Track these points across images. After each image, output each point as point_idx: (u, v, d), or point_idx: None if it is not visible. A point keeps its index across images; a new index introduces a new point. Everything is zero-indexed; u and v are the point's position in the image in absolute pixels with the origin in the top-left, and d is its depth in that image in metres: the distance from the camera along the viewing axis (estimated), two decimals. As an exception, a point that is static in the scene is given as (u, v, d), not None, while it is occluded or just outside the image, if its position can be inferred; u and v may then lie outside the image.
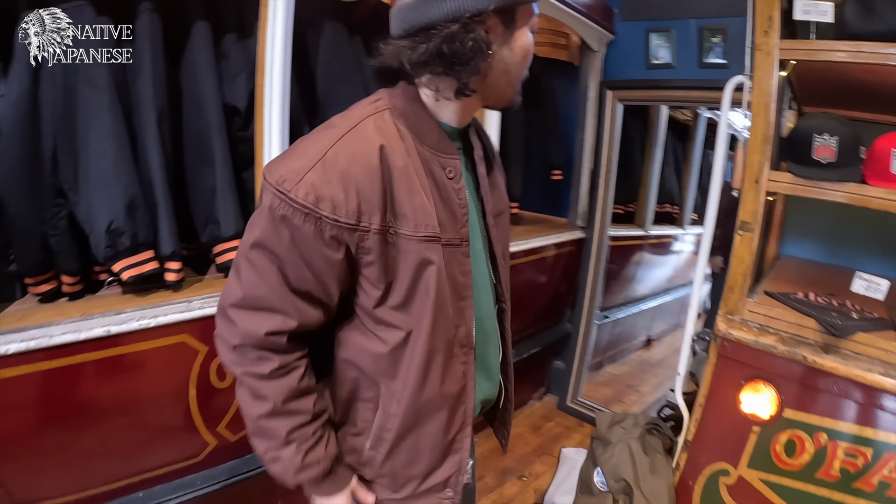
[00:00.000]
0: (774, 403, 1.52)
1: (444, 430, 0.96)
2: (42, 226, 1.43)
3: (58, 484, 1.49)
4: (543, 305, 2.84)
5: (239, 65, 1.65)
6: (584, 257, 2.82)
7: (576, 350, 2.91)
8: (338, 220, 0.78)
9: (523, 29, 0.86)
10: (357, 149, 0.80)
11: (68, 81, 1.39)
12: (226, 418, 1.71)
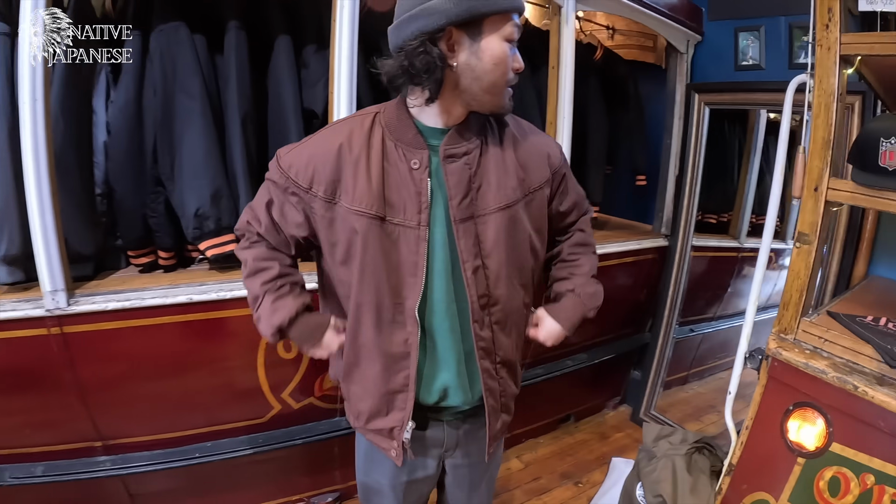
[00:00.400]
0: (822, 435, 1.40)
1: (382, 381, 1.12)
2: (143, 208, 1.75)
3: (138, 426, 1.79)
4: (621, 312, 2.80)
5: (317, 73, 1.85)
6: (667, 266, 2.70)
7: (653, 361, 2.80)
8: (296, 181, 1.06)
9: (491, 37, 0.96)
10: (327, 139, 1.06)
11: (167, 90, 1.67)
12: (290, 386, 1.93)
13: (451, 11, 0.92)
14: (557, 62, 2.12)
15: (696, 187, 2.56)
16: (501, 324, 1.13)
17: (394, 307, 1.07)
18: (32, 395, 1.61)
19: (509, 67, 0.99)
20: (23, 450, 1.68)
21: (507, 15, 0.96)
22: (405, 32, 0.95)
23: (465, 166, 1.05)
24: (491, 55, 0.96)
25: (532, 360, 2.49)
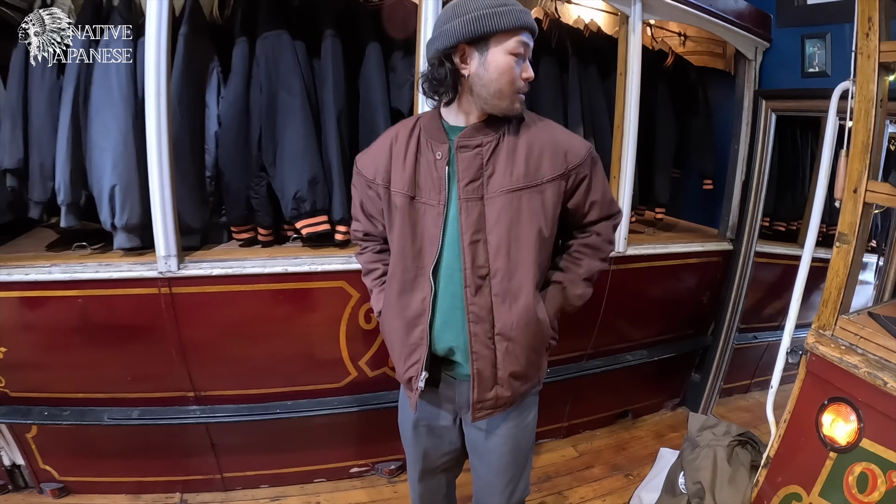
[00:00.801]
0: (854, 430, 1.45)
1: (403, 335, 1.34)
2: (247, 190, 2.02)
3: (227, 381, 2.07)
4: (682, 312, 2.84)
5: (404, 76, 2.06)
6: (730, 271, 2.71)
7: (712, 365, 2.80)
8: (367, 177, 1.36)
9: (496, 51, 1.17)
10: (382, 141, 1.37)
11: (271, 88, 1.94)
12: (367, 355, 2.15)
13: (461, 32, 1.15)
14: (625, 69, 2.21)
15: (761, 193, 2.56)
16: (501, 296, 1.26)
17: (415, 269, 1.30)
18: (139, 347, 1.95)
19: (516, 77, 1.19)
20: (122, 395, 2.02)
21: (511, 33, 1.16)
22: (430, 51, 1.23)
23: (477, 156, 1.24)
24: (496, 67, 1.17)
25: (592, 352, 2.58)
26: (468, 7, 1.15)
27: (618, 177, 2.29)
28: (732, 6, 2.36)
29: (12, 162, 1.91)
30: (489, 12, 1.14)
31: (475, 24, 1.14)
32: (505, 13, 1.14)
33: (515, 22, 1.15)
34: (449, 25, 1.16)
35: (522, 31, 1.17)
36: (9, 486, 2.20)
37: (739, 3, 2.39)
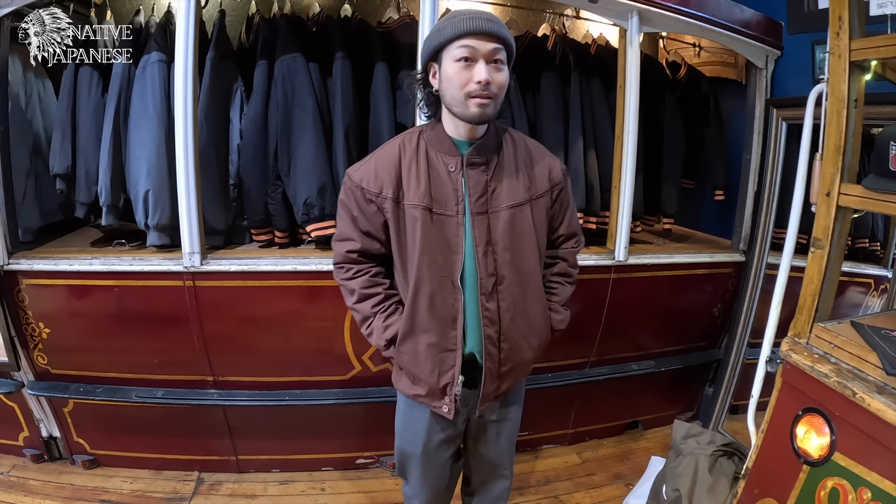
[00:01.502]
0: (826, 443, 1.42)
1: (436, 345, 1.37)
2: (265, 197, 2.25)
3: (244, 368, 2.26)
4: (691, 324, 2.84)
5: (409, 94, 2.18)
6: (742, 283, 2.66)
7: (724, 380, 2.75)
8: (370, 189, 1.36)
9: (446, 62, 1.27)
10: (386, 153, 1.39)
11: (287, 106, 2.16)
12: (370, 351, 2.30)
13: (424, 52, 1.32)
14: (623, 81, 2.29)
15: (773, 204, 2.53)
16: (507, 301, 1.39)
17: (441, 279, 1.35)
18: (165, 334, 2.18)
19: (464, 81, 1.24)
20: (149, 376, 2.26)
21: (453, 41, 1.24)
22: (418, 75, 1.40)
23: (483, 173, 1.36)
24: (445, 76, 1.27)
25: (596, 360, 2.63)
26: (432, 30, 1.30)
27: (618, 186, 2.36)
28: (738, 15, 2.40)
29: (62, 168, 2.21)
30: (438, 26, 1.28)
31: (429, 41, 1.29)
32: (450, 24, 1.23)
33: (456, 30, 1.22)
34: (421, 49, 1.35)
35: (464, 38, 1.22)
36: (45, 455, 2.48)
37: (746, 11, 2.42)
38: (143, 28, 2.28)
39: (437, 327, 1.37)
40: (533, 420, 2.61)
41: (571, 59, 2.42)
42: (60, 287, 2.14)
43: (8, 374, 2.30)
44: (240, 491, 2.35)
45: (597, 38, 2.74)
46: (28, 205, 2.30)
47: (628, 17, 2.22)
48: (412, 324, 1.38)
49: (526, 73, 2.40)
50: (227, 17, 2.31)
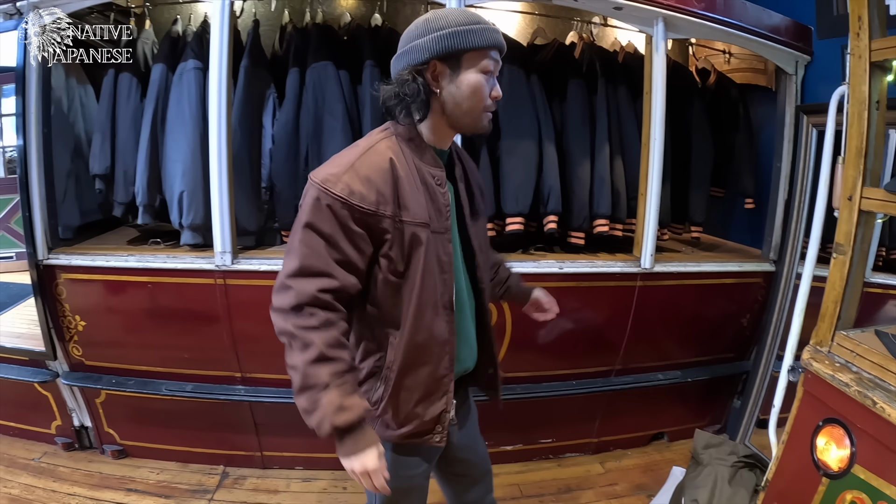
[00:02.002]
0: (846, 455, 1.42)
1: (433, 372, 1.29)
2: (296, 200, 2.35)
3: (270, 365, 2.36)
4: (719, 335, 2.85)
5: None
6: (772, 293, 2.67)
7: (752, 392, 2.75)
8: (362, 207, 1.14)
9: (469, 71, 1.19)
10: (375, 161, 1.18)
11: (318, 112, 2.28)
12: None
13: (434, 48, 1.16)
14: (650, 88, 2.35)
15: (803, 212, 2.54)
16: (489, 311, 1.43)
17: (440, 300, 1.25)
18: (196, 329, 2.31)
19: (486, 95, 1.21)
20: (179, 370, 2.39)
21: (483, 51, 1.18)
22: (399, 65, 1.22)
23: (460, 183, 1.34)
24: (468, 85, 1.18)
25: (621, 368, 2.67)
26: (441, 24, 1.17)
27: (644, 193, 2.41)
28: (767, 20, 2.44)
29: (101, 169, 2.38)
30: (463, 29, 1.16)
31: (449, 40, 1.16)
32: (478, 31, 1.17)
33: (488, 40, 1.18)
34: (421, 41, 1.17)
35: (493, 50, 1.20)
36: (76, 444, 2.65)
37: (774, 16, 2.46)
38: (180, 36, 2.44)
39: (435, 353, 1.28)
40: (556, 427, 2.67)
41: (598, 67, 2.49)
42: (97, 282, 2.29)
43: (43, 363, 2.48)
44: (263, 486, 2.46)
45: (625, 45, 2.81)
46: (68, 203, 2.47)
47: (654, 24, 2.28)
48: (413, 356, 1.26)
49: (553, 80, 2.48)
50: (261, 27, 2.46)
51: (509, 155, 2.31)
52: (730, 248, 3.02)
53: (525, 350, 2.44)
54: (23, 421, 2.70)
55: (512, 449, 2.64)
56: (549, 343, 2.46)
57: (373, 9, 2.60)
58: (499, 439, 2.60)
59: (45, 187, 2.27)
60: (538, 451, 2.69)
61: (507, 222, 2.34)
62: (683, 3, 2.30)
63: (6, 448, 2.66)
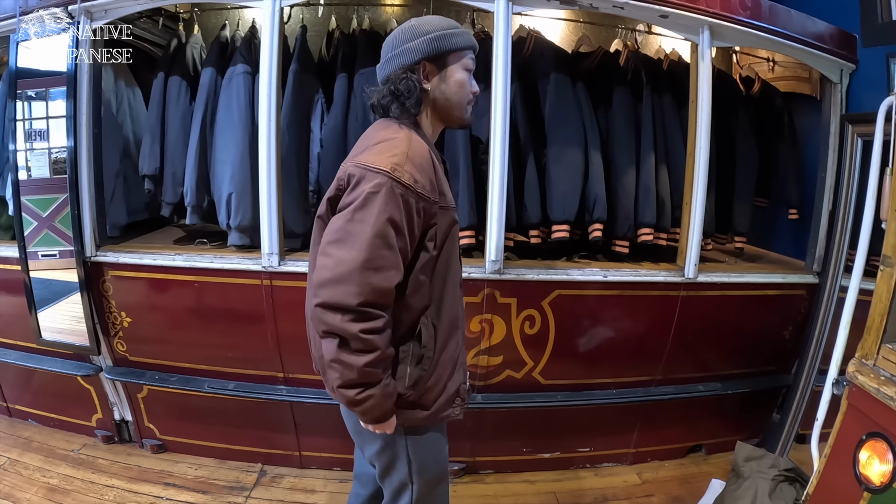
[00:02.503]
0: (888, 469, 1.45)
1: (457, 346, 1.47)
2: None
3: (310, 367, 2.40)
4: (760, 347, 2.89)
5: (483, 107, 2.36)
6: (815, 306, 2.73)
7: (792, 406, 2.81)
8: (424, 195, 1.27)
9: (454, 67, 1.38)
10: (420, 150, 1.31)
11: (366, 117, 2.36)
12: None
13: (424, 49, 1.34)
14: (695, 97, 2.42)
15: (848, 224, 2.59)
16: None
17: (459, 277, 1.47)
18: (241, 329, 2.43)
19: (469, 90, 1.41)
20: (222, 369, 2.52)
21: (464, 52, 1.38)
22: (391, 67, 1.37)
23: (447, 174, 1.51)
24: (455, 81, 1.38)
25: (662, 378, 2.73)
26: (427, 29, 1.35)
27: (689, 203, 2.47)
28: (811, 28, 2.48)
29: (150, 169, 2.52)
30: (447, 33, 1.35)
31: (437, 42, 1.34)
32: (460, 34, 1.38)
33: (468, 42, 1.39)
34: (411, 44, 1.34)
35: (471, 50, 1.41)
36: (115, 437, 2.80)
37: (818, 24, 2.50)
38: (228, 41, 2.58)
39: (460, 330, 1.48)
40: (594, 436, 2.74)
41: (643, 75, 2.56)
42: (143, 280, 2.43)
43: (87, 357, 2.63)
44: (300, 485, 2.57)
45: (669, 53, 2.87)
46: (116, 202, 2.62)
47: (699, 32, 2.35)
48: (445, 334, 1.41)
49: (598, 88, 2.56)
50: (308, 33, 2.58)
51: (556, 162, 2.39)
52: (773, 260, 3.06)
53: (567, 358, 2.51)
54: (64, 413, 2.87)
55: (549, 457, 2.71)
56: (591, 351, 2.54)
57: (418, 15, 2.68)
58: (536, 446, 2.68)
59: (95, 186, 2.42)
60: (575, 460, 2.76)
61: (553, 229, 2.42)
62: (729, 10, 2.35)
63: (46, 438, 2.83)
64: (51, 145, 2.42)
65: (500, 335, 2.41)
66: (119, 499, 2.43)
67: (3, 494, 2.43)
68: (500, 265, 2.30)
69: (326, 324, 1.19)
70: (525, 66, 2.47)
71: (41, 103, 2.42)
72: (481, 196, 2.35)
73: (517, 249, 2.56)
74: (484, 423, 2.56)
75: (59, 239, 2.47)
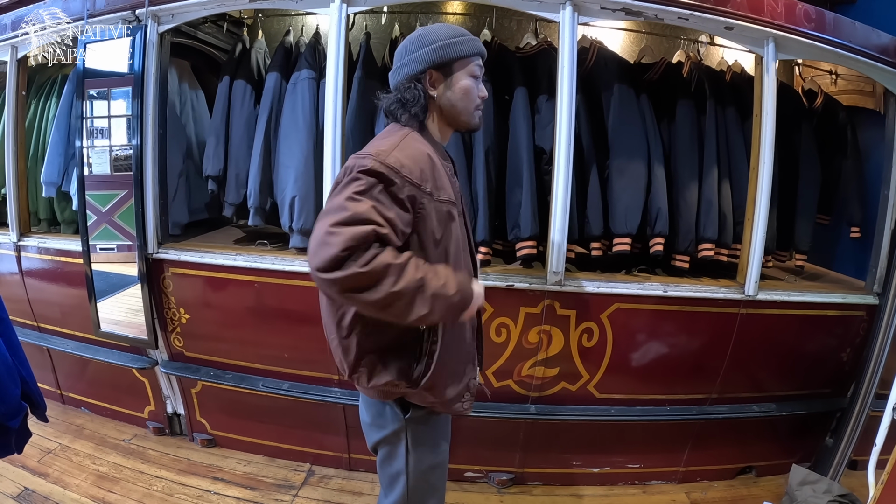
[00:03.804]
0: None
1: (464, 338, 1.52)
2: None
3: None
4: (817, 369, 2.82)
5: (548, 118, 2.40)
6: (875, 329, 2.66)
7: (846, 431, 2.74)
8: (410, 179, 1.32)
9: (459, 74, 1.44)
10: (415, 145, 1.39)
11: None
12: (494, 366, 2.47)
13: (429, 59, 1.41)
14: (759, 110, 2.39)
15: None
16: None
17: (465, 269, 1.49)
18: (297, 330, 2.46)
19: (475, 96, 1.46)
20: (277, 369, 2.56)
21: (470, 59, 1.44)
22: (399, 76, 1.46)
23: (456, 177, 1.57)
24: (460, 88, 1.44)
25: (717, 397, 2.68)
26: (433, 38, 1.42)
27: (752, 219, 2.44)
28: (875, 41, 2.43)
29: (214, 171, 2.57)
30: (453, 41, 1.41)
31: (442, 51, 1.41)
32: (465, 42, 1.43)
33: (474, 49, 1.44)
34: (417, 54, 1.42)
35: (477, 57, 1.46)
36: (166, 429, 2.88)
37: (883, 36, 2.44)
38: (292, 47, 2.62)
39: (468, 322, 1.51)
40: (645, 453, 2.71)
41: (707, 87, 2.53)
42: (204, 278, 2.49)
43: (143, 351, 2.71)
44: (347, 487, 2.59)
45: (731, 64, 2.83)
46: (178, 202, 2.69)
47: (764, 44, 2.32)
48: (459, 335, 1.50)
49: (661, 99, 2.54)
50: (372, 40, 2.61)
51: (619, 174, 2.38)
52: (832, 279, 2.99)
53: (622, 372, 2.49)
54: (117, 403, 2.97)
55: (598, 471, 2.69)
56: (647, 366, 2.51)
57: (481, 25, 2.72)
58: (586, 460, 2.66)
59: (159, 185, 2.49)
60: (624, 476, 2.73)
61: (615, 242, 2.41)
62: (794, 22, 2.32)
63: (98, 427, 2.93)
64: (112, 143, 2.51)
65: (558, 347, 2.41)
66: (167, 490, 2.48)
67: (53, 479, 2.51)
68: (562, 277, 2.29)
69: (333, 286, 1.22)
70: (588, 76, 2.46)
71: (103, 102, 2.51)
72: (543, 207, 2.34)
73: (576, 261, 2.55)
74: (535, 435, 2.55)
75: (117, 233, 2.56)
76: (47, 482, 2.49)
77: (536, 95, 2.43)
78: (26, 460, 2.59)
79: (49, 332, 2.98)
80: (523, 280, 2.33)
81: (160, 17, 2.44)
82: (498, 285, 2.30)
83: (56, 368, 3.07)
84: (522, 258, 2.40)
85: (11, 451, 1.52)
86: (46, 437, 2.79)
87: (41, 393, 1.61)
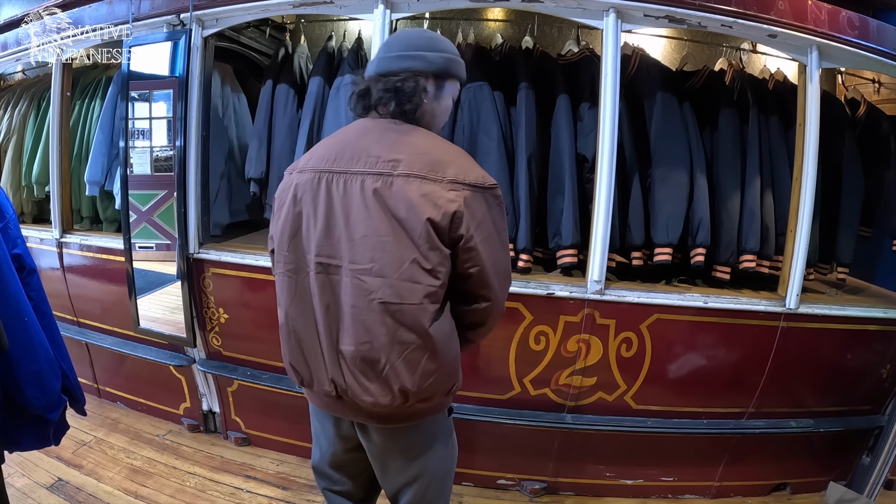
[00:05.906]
0: None
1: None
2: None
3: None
4: (856, 385, 2.75)
5: (590, 126, 2.39)
6: (917, 345, 2.61)
7: (883, 449, 2.68)
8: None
9: (447, 92, 1.42)
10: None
11: (472, 131, 2.39)
12: (531, 374, 2.46)
13: (438, 64, 1.37)
14: (803, 119, 2.35)
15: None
16: None
17: None
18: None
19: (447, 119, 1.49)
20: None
21: (459, 82, 1.44)
22: (396, 65, 1.37)
23: None
24: (444, 106, 1.44)
25: (754, 412, 2.63)
26: (444, 46, 1.41)
27: (794, 230, 2.39)
28: None
29: (257, 173, 2.60)
30: (458, 60, 1.42)
31: (450, 63, 1.40)
32: (462, 65, 1.44)
33: (464, 74, 1.45)
34: (428, 54, 1.37)
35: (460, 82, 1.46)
36: (201, 427, 2.92)
37: None
38: (335, 52, 2.65)
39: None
40: (679, 466, 2.67)
41: (750, 96, 2.50)
42: (244, 279, 2.52)
43: (181, 349, 2.76)
44: (381, 491, 2.61)
45: (774, 72, 2.79)
46: (219, 203, 2.74)
47: (808, 53, 2.28)
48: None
49: (704, 108, 2.51)
50: (413, 45, 2.62)
51: (662, 183, 2.36)
52: (874, 293, 2.92)
53: (660, 383, 2.47)
54: (152, 399, 3.01)
55: (632, 483, 2.66)
56: (685, 378, 2.48)
57: (522, 31, 2.73)
58: (620, 472, 2.63)
59: (201, 186, 2.53)
60: (657, 489, 2.69)
61: (656, 252, 2.38)
62: (837, 30, 2.29)
63: (133, 421, 2.98)
64: (152, 144, 2.55)
65: (597, 356, 2.39)
66: (200, 486, 2.51)
67: (87, 471, 2.55)
68: (602, 286, 2.28)
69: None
70: (630, 84, 2.44)
71: (144, 104, 2.56)
72: (584, 215, 2.34)
73: (615, 271, 2.52)
74: (570, 444, 2.53)
75: (156, 233, 2.60)
76: (81, 474, 2.53)
77: (579, 103, 2.42)
78: (61, 451, 2.64)
79: (88, 327, 3.04)
80: (564, 288, 2.31)
81: (205, 21, 2.48)
82: (538, 293, 2.29)
83: (94, 363, 3.13)
84: (563, 266, 2.39)
85: (49, 443, 1.56)
86: (82, 430, 2.84)
87: (81, 387, 1.64)
